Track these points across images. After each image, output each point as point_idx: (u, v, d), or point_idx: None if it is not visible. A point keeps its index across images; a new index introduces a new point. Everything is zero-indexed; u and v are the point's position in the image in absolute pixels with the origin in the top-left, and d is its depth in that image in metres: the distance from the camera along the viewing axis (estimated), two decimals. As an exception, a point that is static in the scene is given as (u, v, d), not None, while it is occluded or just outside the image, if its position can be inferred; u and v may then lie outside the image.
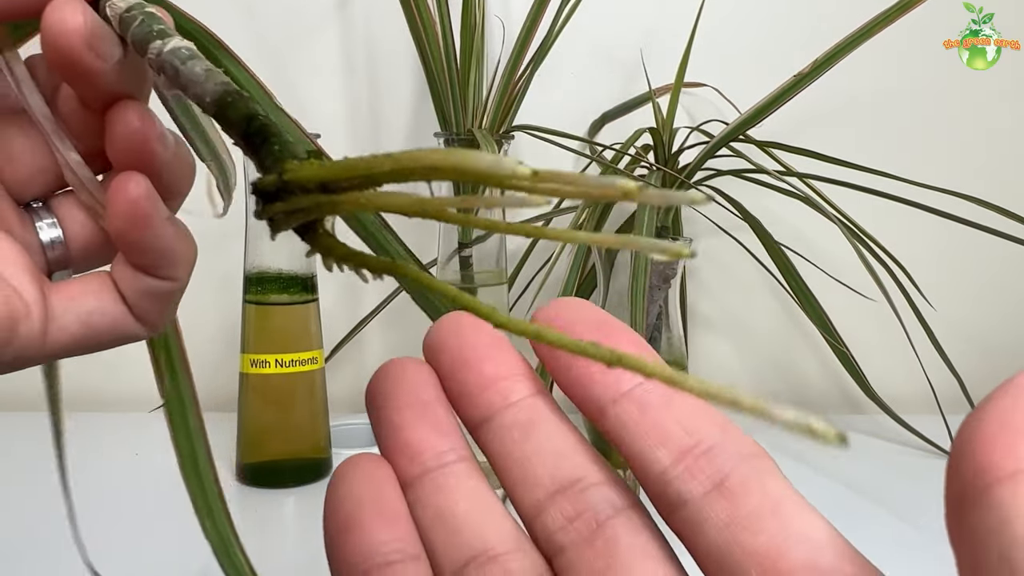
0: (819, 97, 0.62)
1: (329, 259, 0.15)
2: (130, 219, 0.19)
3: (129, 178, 0.19)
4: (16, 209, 0.21)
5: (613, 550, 0.16)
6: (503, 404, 0.18)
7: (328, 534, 0.18)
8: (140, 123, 0.19)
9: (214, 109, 0.17)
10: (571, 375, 0.18)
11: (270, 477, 0.53)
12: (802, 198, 0.57)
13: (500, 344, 0.19)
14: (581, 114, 0.72)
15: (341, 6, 0.69)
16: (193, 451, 0.30)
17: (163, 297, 0.21)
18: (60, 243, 0.21)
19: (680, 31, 0.64)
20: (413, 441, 0.18)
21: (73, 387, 0.73)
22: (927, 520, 0.50)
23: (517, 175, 0.11)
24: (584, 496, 0.17)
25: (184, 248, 0.21)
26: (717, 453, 0.16)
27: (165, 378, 0.29)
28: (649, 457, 0.16)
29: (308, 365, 0.53)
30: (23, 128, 0.21)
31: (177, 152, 0.20)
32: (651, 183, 0.53)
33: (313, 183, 0.14)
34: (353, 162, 0.13)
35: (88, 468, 0.55)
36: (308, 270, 0.54)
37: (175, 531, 0.46)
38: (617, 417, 0.17)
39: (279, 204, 0.15)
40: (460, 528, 0.17)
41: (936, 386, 0.61)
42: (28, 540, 0.44)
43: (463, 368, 0.19)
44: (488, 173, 0.12)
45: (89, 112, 0.20)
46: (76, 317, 0.20)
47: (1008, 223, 0.56)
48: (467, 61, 0.56)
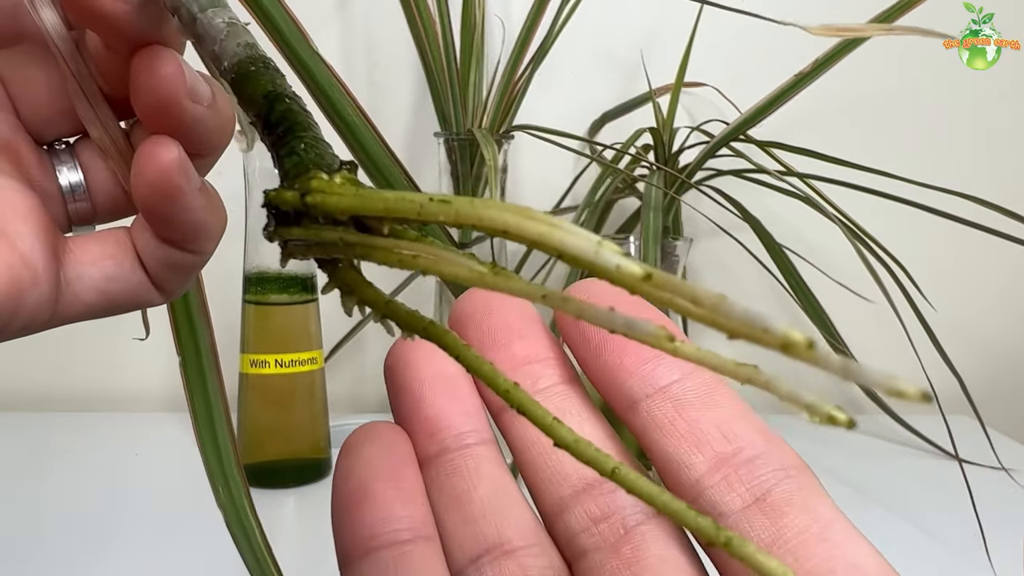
0: (819, 97, 0.62)
1: (350, 300, 0.13)
2: (158, 190, 0.17)
3: (158, 143, 0.17)
4: (36, 150, 0.18)
5: (640, 560, 0.15)
6: (531, 389, 0.17)
7: (337, 502, 0.16)
8: (166, 72, 0.16)
9: (232, 76, 0.14)
10: (600, 363, 0.16)
11: (270, 477, 0.53)
12: (802, 198, 0.57)
13: (533, 323, 0.18)
14: (581, 114, 0.72)
15: (341, 6, 0.69)
16: (209, 407, 0.28)
17: (187, 269, 0.19)
18: (82, 191, 0.19)
19: (680, 31, 0.64)
20: (433, 417, 0.17)
21: (73, 387, 0.73)
22: (927, 520, 0.50)
23: (622, 272, 0.09)
24: (613, 497, 0.15)
25: (214, 220, 0.19)
26: (759, 464, 0.14)
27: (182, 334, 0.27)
28: (683, 461, 0.15)
29: (308, 365, 0.53)
30: (48, 63, 0.18)
31: (213, 105, 0.17)
32: (652, 183, 0.53)
33: (344, 215, 0.11)
34: (404, 200, 0.10)
35: (88, 468, 0.55)
36: (308, 270, 0.54)
37: (175, 531, 0.46)
38: (649, 414, 0.15)
39: (297, 230, 0.12)
40: (476, 516, 0.16)
41: (936, 386, 0.61)
42: (28, 540, 0.44)
43: (492, 346, 0.17)
44: (580, 258, 0.10)
45: (115, 56, 0.17)
46: (92, 284, 0.18)
47: (1008, 223, 0.56)
48: (467, 61, 0.56)
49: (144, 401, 0.68)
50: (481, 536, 0.16)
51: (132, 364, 0.69)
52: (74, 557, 0.43)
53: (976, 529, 0.43)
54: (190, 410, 0.29)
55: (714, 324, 0.09)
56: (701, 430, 0.15)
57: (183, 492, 0.32)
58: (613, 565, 0.15)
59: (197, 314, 0.28)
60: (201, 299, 0.28)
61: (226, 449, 0.29)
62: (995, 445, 0.57)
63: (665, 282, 0.09)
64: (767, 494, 0.14)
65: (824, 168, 0.59)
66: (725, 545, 0.10)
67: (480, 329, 0.17)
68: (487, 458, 0.17)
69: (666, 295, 0.09)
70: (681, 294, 0.09)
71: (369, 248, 0.11)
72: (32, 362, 0.67)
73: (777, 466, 0.14)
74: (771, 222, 0.62)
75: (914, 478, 0.58)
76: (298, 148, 0.12)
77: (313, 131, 0.12)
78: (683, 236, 0.63)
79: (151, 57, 0.16)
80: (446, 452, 0.17)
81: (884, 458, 0.62)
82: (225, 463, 0.29)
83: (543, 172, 0.72)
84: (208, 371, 0.28)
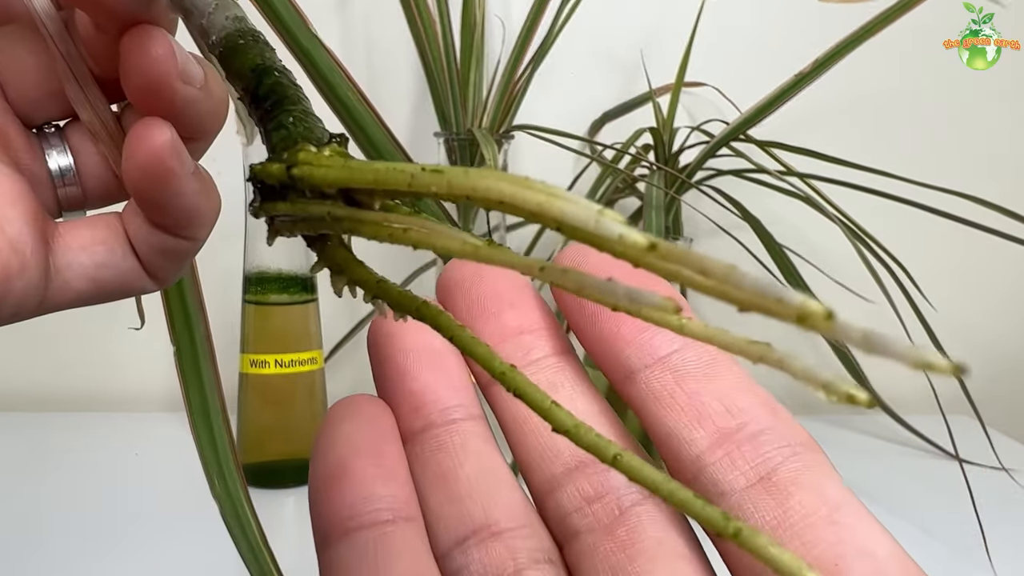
0: (820, 97, 0.62)
1: (339, 280, 0.12)
2: (150, 173, 0.16)
3: (150, 125, 0.16)
4: (25, 133, 0.18)
5: (636, 543, 0.14)
6: (523, 361, 0.16)
7: (314, 480, 0.16)
8: (157, 53, 0.16)
9: (220, 49, 0.13)
10: (596, 330, 0.15)
11: (270, 477, 0.53)
12: (803, 198, 0.57)
13: (524, 291, 0.17)
14: (581, 114, 0.72)
15: (341, 6, 0.69)
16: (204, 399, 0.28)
17: (180, 255, 0.18)
18: (72, 175, 0.18)
19: (680, 31, 0.64)
20: (418, 390, 0.16)
21: (73, 387, 0.73)
22: (927, 520, 0.50)
23: (625, 243, 0.09)
24: (607, 476, 0.15)
25: (208, 205, 0.18)
26: (765, 440, 0.14)
27: (177, 324, 0.26)
28: (682, 436, 0.14)
29: (308, 365, 0.53)
30: (37, 44, 0.18)
31: (206, 87, 0.17)
32: (652, 183, 0.53)
33: (332, 187, 0.11)
34: (395, 170, 0.10)
35: (88, 468, 0.55)
36: (308, 270, 0.54)
37: (175, 532, 0.46)
38: (647, 385, 0.14)
39: (283, 204, 0.11)
40: (462, 495, 0.15)
41: (936, 386, 0.61)
42: (28, 540, 0.44)
43: (481, 315, 0.16)
44: (580, 229, 0.09)
45: (104, 37, 0.17)
46: (82, 272, 0.17)
47: (1009, 223, 0.56)
48: (467, 61, 0.56)
49: (144, 401, 0.68)
50: (467, 517, 0.15)
51: (132, 364, 0.69)
52: (74, 557, 0.43)
53: (976, 529, 0.43)
54: (185, 401, 0.28)
55: (724, 296, 0.09)
56: (702, 403, 0.14)
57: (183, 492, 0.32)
58: (607, 548, 0.14)
59: (192, 302, 0.27)
60: (196, 287, 0.27)
61: (222, 441, 0.28)
62: (995, 445, 0.57)
63: (671, 252, 0.09)
64: (772, 472, 0.13)
65: (824, 168, 0.59)
66: (734, 536, 0.10)
67: (469, 297, 0.16)
68: (474, 434, 0.16)
69: (672, 266, 0.09)
70: (688, 265, 0.09)
71: (357, 222, 0.11)
72: (32, 362, 0.67)
73: (783, 442, 0.14)
74: (771, 222, 0.62)
75: (914, 478, 0.58)
76: (286, 121, 0.12)
77: (303, 104, 0.12)
78: (683, 236, 0.63)
79: (141, 37, 0.16)
80: (431, 427, 0.16)
81: (884, 458, 0.62)
82: (221, 455, 0.28)
83: (543, 172, 0.71)
84: (203, 361, 0.28)
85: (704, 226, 0.71)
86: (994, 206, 0.56)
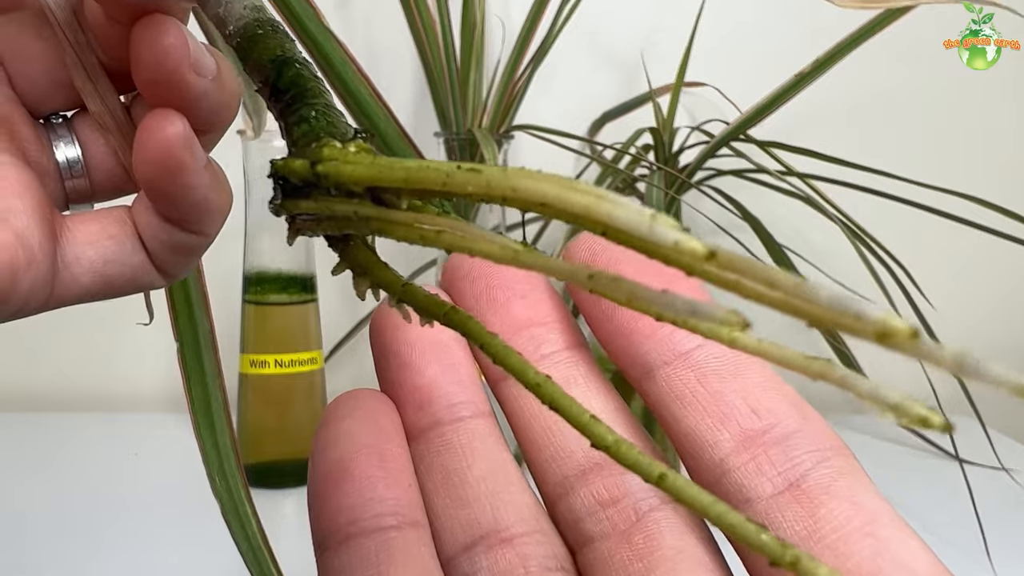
0: (820, 97, 0.62)
1: (363, 282, 0.11)
2: (161, 165, 0.16)
3: (162, 116, 0.15)
4: (32, 124, 0.17)
5: (654, 552, 0.13)
6: (534, 356, 0.15)
7: (313, 481, 0.15)
8: (169, 43, 0.15)
9: (237, 40, 0.13)
10: (613, 324, 0.14)
11: (270, 478, 0.53)
12: (803, 198, 0.57)
13: (535, 282, 0.16)
14: (581, 114, 0.72)
15: (341, 6, 0.69)
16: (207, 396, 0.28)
17: (190, 250, 0.18)
18: (80, 168, 0.18)
19: (680, 31, 0.64)
20: (423, 385, 0.15)
21: (73, 387, 0.73)
22: (927, 520, 0.50)
23: (680, 250, 0.08)
24: (623, 479, 0.14)
25: (220, 200, 0.17)
26: (793, 444, 0.13)
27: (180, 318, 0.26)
28: (705, 438, 0.13)
29: (308, 365, 0.53)
30: (45, 33, 0.17)
31: (218, 78, 0.16)
32: (652, 183, 0.53)
33: (360, 186, 0.10)
34: (428, 168, 0.09)
35: (88, 468, 0.55)
36: (308, 270, 0.54)
37: (175, 532, 0.46)
38: (668, 383, 0.14)
39: (306, 203, 0.11)
40: (470, 498, 0.14)
41: (936, 386, 0.61)
42: (28, 540, 0.44)
43: (490, 306, 0.15)
44: (630, 234, 0.08)
45: (115, 26, 0.16)
46: (90, 266, 0.17)
47: (1009, 223, 0.56)
48: (467, 61, 0.56)
49: (144, 401, 0.68)
50: (475, 521, 0.14)
51: (132, 365, 0.69)
52: (73, 557, 0.43)
53: (976, 529, 0.43)
54: (187, 397, 0.28)
55: (793, 310, 0.08)
56: (726, 403, 0.13)
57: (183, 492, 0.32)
58: (623, 556, 0.13)
59: (196, 296, 0.27)
60: (200, 281, 0.27)
61: (223, 438, 0.28)
62: (995, 445, 0.57)
63: (732, 262, 0.08)
64: (802, 479, 0.12)
65: (824, 168, 0.59)
66: (791, 565, 0.09)
67: (477, 287, 0.16)
68: (483, 433, 0.15)
69: (731, 276, 0.08)
70: (753, 276, 0.08)
71: (387, 223, 0.10)
72: (32, 362, 0.67)
73: (814, 447, 0.13)
74: (771, 222, 0.62)
75: (914, 478, 0.58)
76: (308, 115, 0.11)
77: (324, 98, 0.11)
78: (683, 236, 0.63)
79: (152, 27, 0.15)
80: (437, 425, 0.15)
81: (884, 458, 0.62)
82: (222, 451, 0.28)
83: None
84: (206, 355, 0.27)
85: (704, 226, 0.71)
86: (995, 206, 0.56)
